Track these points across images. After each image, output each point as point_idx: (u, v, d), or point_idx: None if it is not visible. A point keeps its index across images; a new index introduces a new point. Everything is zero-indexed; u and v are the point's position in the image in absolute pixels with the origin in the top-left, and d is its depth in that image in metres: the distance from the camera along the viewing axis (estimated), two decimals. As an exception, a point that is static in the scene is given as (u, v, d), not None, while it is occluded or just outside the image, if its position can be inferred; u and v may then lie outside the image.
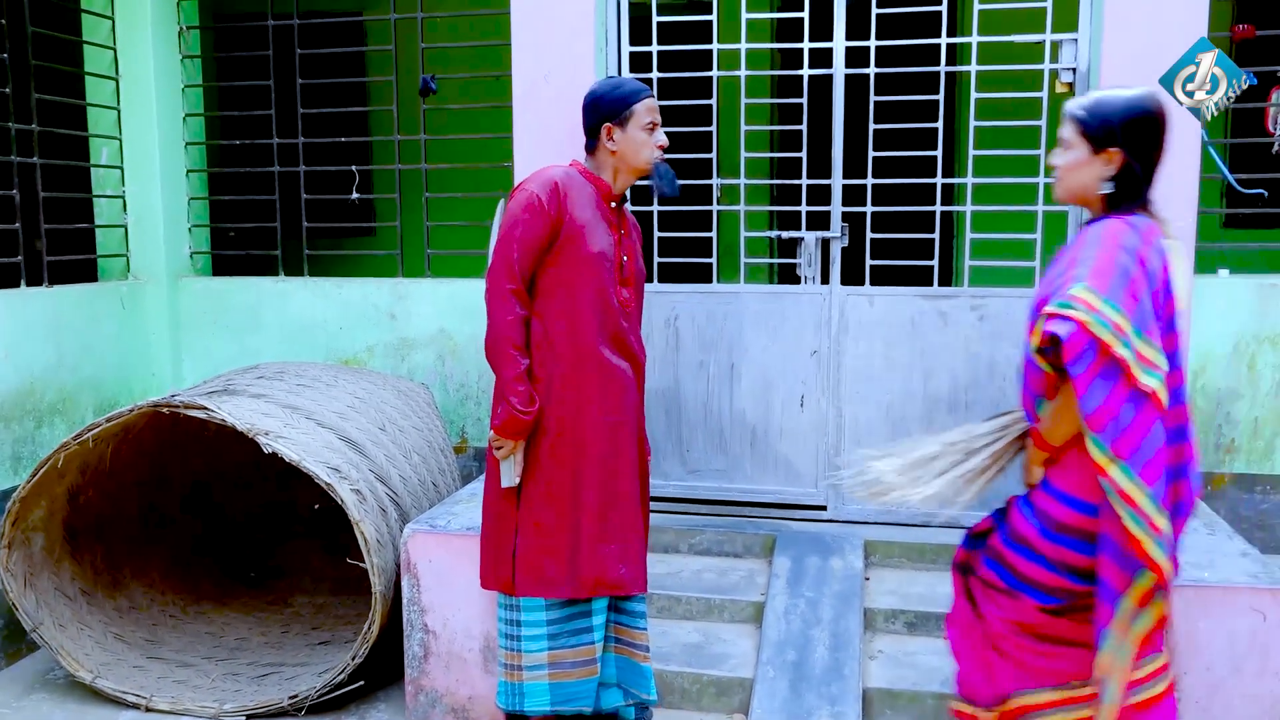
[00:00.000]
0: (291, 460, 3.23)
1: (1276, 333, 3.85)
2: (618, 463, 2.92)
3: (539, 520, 2.88)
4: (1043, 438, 2.33)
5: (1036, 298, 2.35)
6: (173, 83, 4.85)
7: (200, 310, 4.88)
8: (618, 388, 2.92)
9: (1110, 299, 2.14)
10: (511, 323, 2.82)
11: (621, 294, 2.93)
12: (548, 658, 2.91)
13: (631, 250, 2.99)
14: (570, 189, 2.85)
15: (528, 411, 2.81)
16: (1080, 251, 2.28)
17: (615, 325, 2.90)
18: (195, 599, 4.21)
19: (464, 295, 4.58)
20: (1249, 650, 2.76)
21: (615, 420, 2.91)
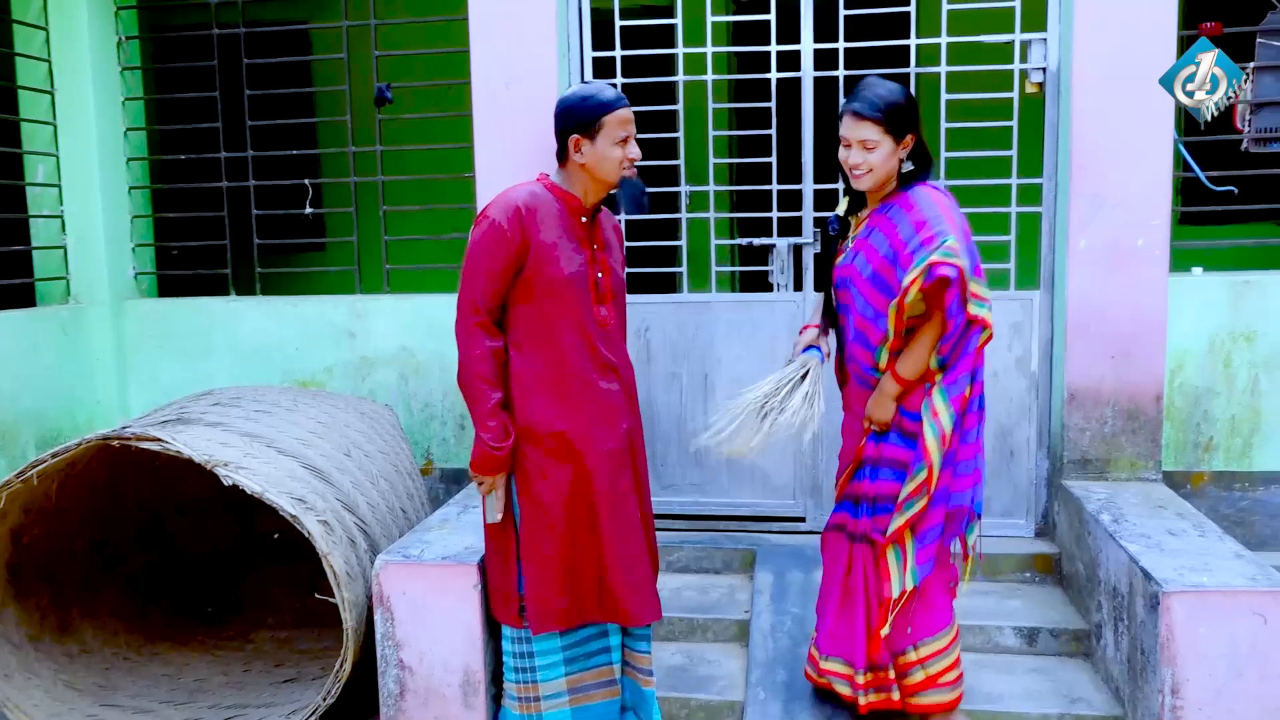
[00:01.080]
0: (254, 493, 3.05)
1: (1251, 329, 3.85)
2: (618, 491, 2.81)
3: (544, 553, 2.78)
4: (903, 377, 2.77)
5: (886, 254, 2.75)
6: (112, 96, 4.63)
7: (146, 334, 4.65)
8: (611, 414, 2.81)
9: (962, 250, 2.65)
10: (480, 356, 2.69)
11: (600, 313, 2.80)
12: (566, 684, 2.86)
13: (606, 265, 2.84)
14: (535, 210, 2.70)
15: (501, 447, 2.73)
16: (924, 213, 2.72)
17: (597, 348, 2.78)
18: (150, 639, 3.99)
19: (426, 311, 4.43)
20: (1251, 654, 2.72)
21: (611, 448, 2.80)
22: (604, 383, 2.80)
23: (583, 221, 2.78)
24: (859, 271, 2.85)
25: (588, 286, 2.76)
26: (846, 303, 2.91)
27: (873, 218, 2.87)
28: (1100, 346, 3.73)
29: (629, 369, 2.92)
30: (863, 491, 2.92)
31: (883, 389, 2.82)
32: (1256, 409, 3.88)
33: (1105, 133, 3.66)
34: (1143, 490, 3.65)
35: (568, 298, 2.72)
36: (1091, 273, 3.71)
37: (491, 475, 2.77)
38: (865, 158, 2.77)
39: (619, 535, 2.80)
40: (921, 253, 2.66)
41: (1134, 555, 2.99)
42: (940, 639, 2.92)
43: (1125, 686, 3.06)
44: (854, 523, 2.96)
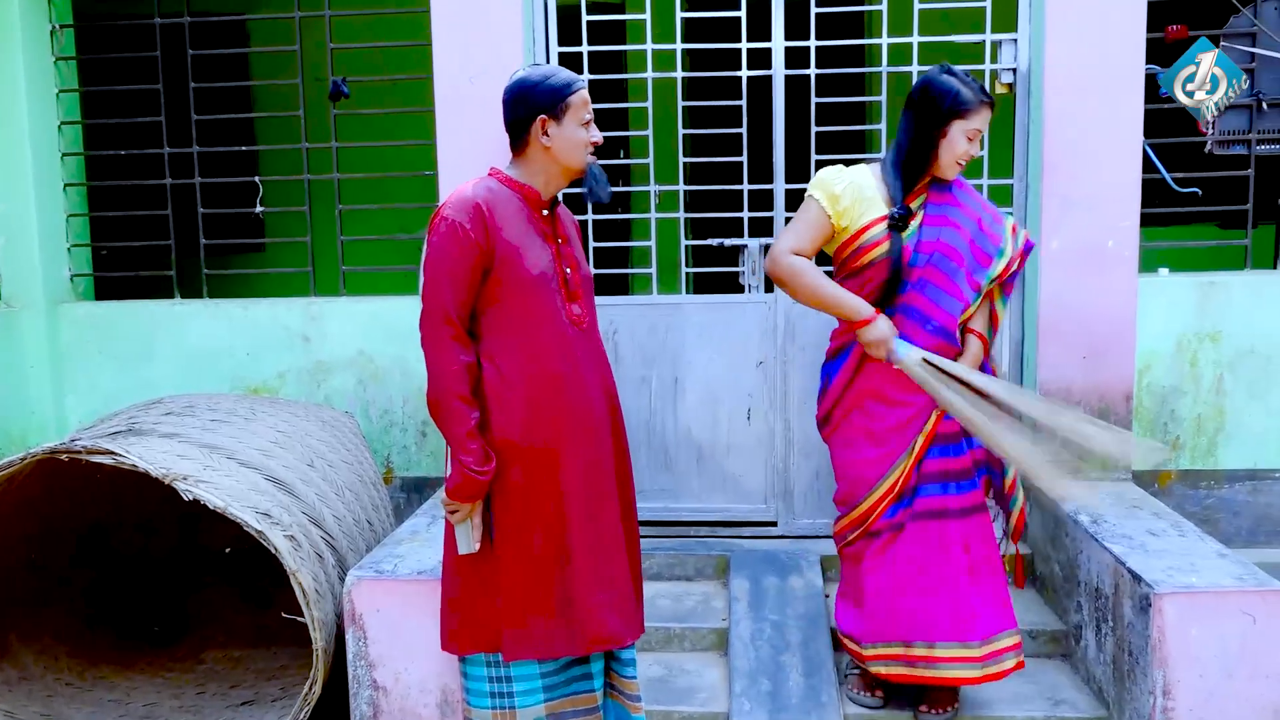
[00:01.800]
0: (216, 507, 2.89)
1: (1217, 329, 3.90)
2: (600, 506, 2.62)
3: (523, 577, 2.55)
4: (986, 340, 2.98)
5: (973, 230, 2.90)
6: (45, 87, 4.37)
7: (84, 339, 4.41)
8: (592, 419, 2.62)
9: None
10: (456, 373, 2.45)
11: (572, 311, 2.59)
12: (545, 710, 2.63)
13: (573, 259, 2.64)
14: (495, 207, 2.48)
15: (484, 471, 2.46)
16: (974, 191, 3.01)
17: (574, 350, 2.58)
18: (94, 662, 3.77)
19: (384, 314, 4.27)
20: (1241, 654, 2.73)
21: (593, 458, 2.61)
22: (583, 388, 2.60)
23: (544, 215, 2.59)
24: (953, 246, 2.89)
25: (558, 284, 2.56)
26: (928, 279, 2.88)
27: (938, 194, 2.94)
28: (1071, 347, 3.74)
29: (608, 370, 2.74)
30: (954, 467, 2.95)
31: (973, 354, 2.95)
32: (1221, 408, 3.93)
33: (1076, 134, 3.67)
34: (1115, 490, 3.67)
35: (539, 297, 2.51)
36: (1063, 273, 3.72)
37: (469, 503, 2.50)
38: (978, 148, 2.89)
39: (601, 553, 2.60)
40: (999, 226, 2.95)
41: (1119, 556, 2.99)
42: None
43: (1110, 688, 3.06)
44: (947, 499, 2.94)
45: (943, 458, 2.94)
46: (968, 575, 2.93)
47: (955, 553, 2.93)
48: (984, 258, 2.91)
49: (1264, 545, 3.99)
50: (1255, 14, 3.84)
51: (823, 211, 2.90)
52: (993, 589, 2.94)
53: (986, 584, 2.94)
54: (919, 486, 2.96)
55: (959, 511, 2.95)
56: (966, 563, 2.93)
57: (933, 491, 2.95)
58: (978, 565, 2.94)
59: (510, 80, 2.55)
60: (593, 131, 2.55)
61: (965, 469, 2.96)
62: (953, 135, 2.80)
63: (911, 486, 2.96)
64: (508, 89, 2.54)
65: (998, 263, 2.92)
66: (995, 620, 2.93)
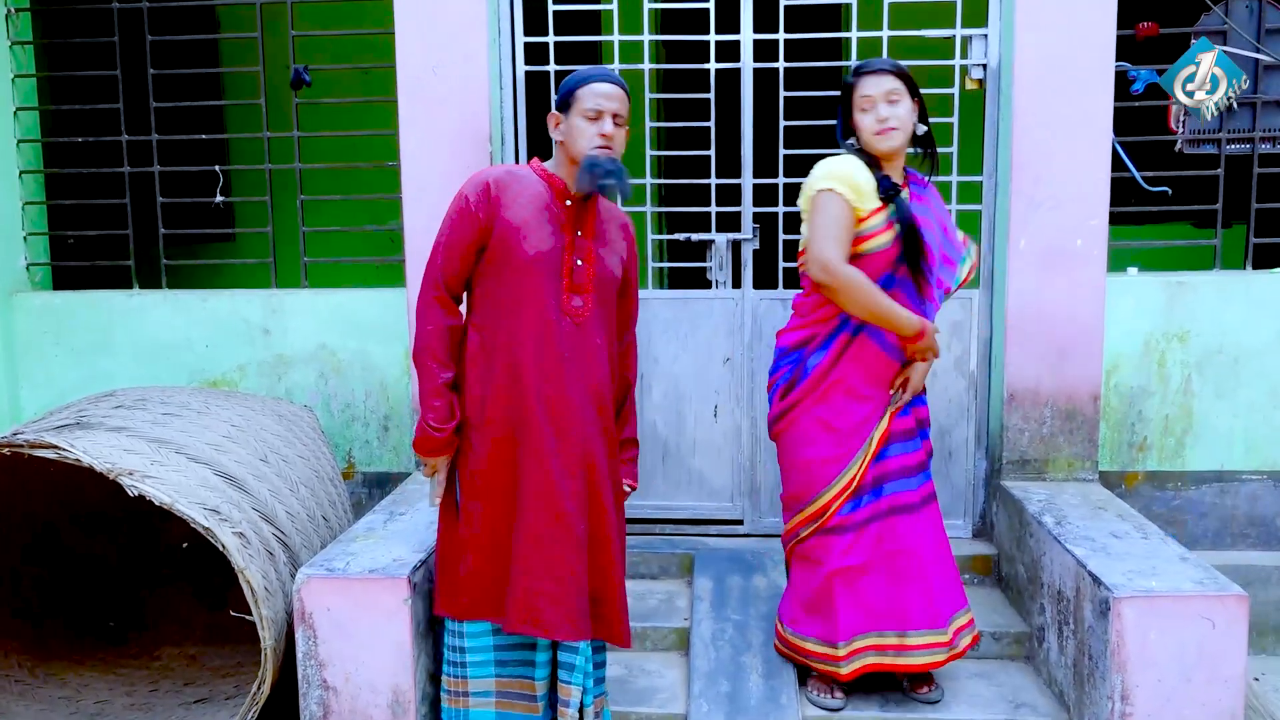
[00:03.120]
0: (163, 504, 2.82)
1: (1185, 329, 3.87)
2: (560, 497, 2.62)
3: (481, 542, 2.68)
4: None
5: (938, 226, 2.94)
6: (0, 72, 4.27)
7: (39, 330, 4.32)
8: (561, 414, 2.63)
9: None
10: (433, 332, 2.61)
11: (572, 302, 2.62)
12: (495, 685, 2.76)
13: (590, 253, 2.65)
14: (509, 187, 2.61)
15: (441, 429, 2.63)
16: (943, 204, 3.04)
17: (559, 337, 2.61)
18: (45, 659, 3.69)
19: (347, 307, 4.20)
20: (1199, 659, 2.71)
21: (553, 450, 2.62)
22: (562, 380, 2.61)
23: (566, 205, 2.64)
24: (927, 242, 2.90)
25: (559, 271, 2.60)
26: (905, 276, 2.92)
27: (915, 192, 2.97)
28: (1039, 346, 3.71)
29: (603, 369, 2.69)
30: (909, 463, 3.00)
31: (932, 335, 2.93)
32: (1189, 409, 3.91)
33: (1045, 131, 3.64)
34: (1081, 491, 3.65)
35: (533, 280, 2.58)
36: (1031, 272, 3.69)
37: (432, 457, 2.69)
38: (893, 110, 2.81)
39: (554, 543, 2.61)
40: (956, 231, 3.04)
41: (1081, 559, 2.96)
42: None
43: (1070, 691, 3.03)
44: (893, 497, 2.98)
45: (903, 454, 2.99)
46: (932, 564, 2.99)
47: (920, 543, 2.99)
48: (948, 260, 2.95)
49: (1230, 547, 3.97)
50: (1226, 12, 3.81)
51: (846, 204, 2.83)
52: (949, 572, 3.05)
53: (945, 568, 3.03)
54: (884, 484, 2.97)
55: (921, 502, 3.01)
56: (930, 552, 3.00)
57: (897, 488, 2.99)
58: (938, 552, 3.02)
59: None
60: (602, 124, 2.59)
61: (921, 462, 3.01)
62: (855, 104, 2.88)
63: (869, 483, 2.96)
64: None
65: (961, 266, 2.96)
66: (953, 602, 3.03)
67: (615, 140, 2.61)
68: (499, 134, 3.88)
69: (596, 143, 2.58)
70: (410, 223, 3.84)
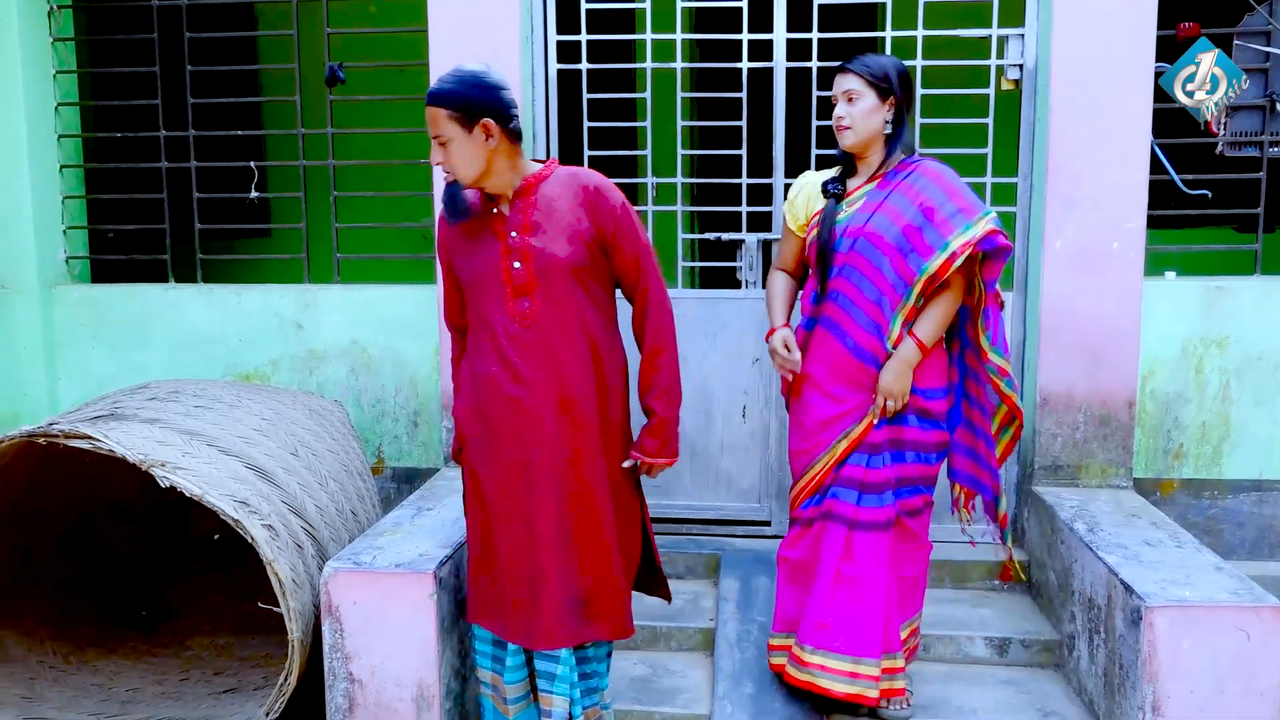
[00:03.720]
0: (194, 495, 2.85)
1: (1223, 335, 3.81)
2: (529, 504, 2.61)
3: (474, 550, 2.78)
4: (925, 342, 2.81)
5: (914, 218, 2.78)
6: (42, 68, 4.35)
7: (78, 323, 4.39)
8: (519, 420, 2.59)
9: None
10: (454, 360, 2.86)
11: (518, 307, 2.56)
12: (491, 678, 2.84)
13: (528, 251, 2.53)
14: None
15: (453, 445, 2.84)
16: (952, 183, 2.82)
17: (510, 346, 2.57)
18: (78, 646, 3.75)
19: (378, 303, 4.23)
20: (1233, 671, 2.66)
21: (520, 458, 2.61)
22: (511, 387, 2.58)
23: (494, 212, 2.59)
24: (879, 232, 2.81)
25: (500, 281, 2.57)
26: (853, 265, 2.85)
27: (886, 182, 2.87)
28: (1074, 350, 3.66)
29: (568, 366, 2.58)
30: (873, 479, 2.88)
31: (902, 357, 2.81)
32: (1227, 416, 3.84)
33: (1082, 132, 3.59)
34: (1114, 498, 3.59)
35: (481, 298, 2.62)
36: (1066, 275, 3.64)
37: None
38: (847, 109, 2.84)
39: (515, 550, 2.64)
40: (961, 219, 2.75)
41: (1113, 567, 2.92)
42: (917, 619, 3.07)
43: (1101, 701, 2.99)
44: (857, 510, 2.88)
45: (864, 468, 2.89)
46: (876, 592, 2.87)
47: (870, 569, 2.88)
48: (925, 249, 2.77)
49: (1268, 558, 3.90)
50: (1270, 12, 3.74)
51: (784, 221, 3.09)
52: (893, 607, 2.92)
53: (891, 601, 2.91)
54: (831, 488, 2.93)
55: (886, 523, 2.89)
56: (879, 579, 2.87)
57: (843, 496, 2.91)
58: (890, 583, 2.91)
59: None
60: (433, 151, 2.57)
61: (887, 480, 2.89)
62: None
63: (828, 483, 2.94)
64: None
65: (936, 256, 2.75)
66: (857, 642, 2.87)
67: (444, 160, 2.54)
68: (530, 132, 3.88)
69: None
70: (442, 220, 3.86)
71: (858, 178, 2.93)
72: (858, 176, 2.93)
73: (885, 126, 2.85)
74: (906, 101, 2.88)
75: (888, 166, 2.88)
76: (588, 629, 2.64)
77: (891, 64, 2.85)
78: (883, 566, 2.87)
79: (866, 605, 2.87)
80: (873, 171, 2.90)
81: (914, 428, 2.88)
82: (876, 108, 2.82)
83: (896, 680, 2.94)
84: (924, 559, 3.00)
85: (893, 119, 2.85)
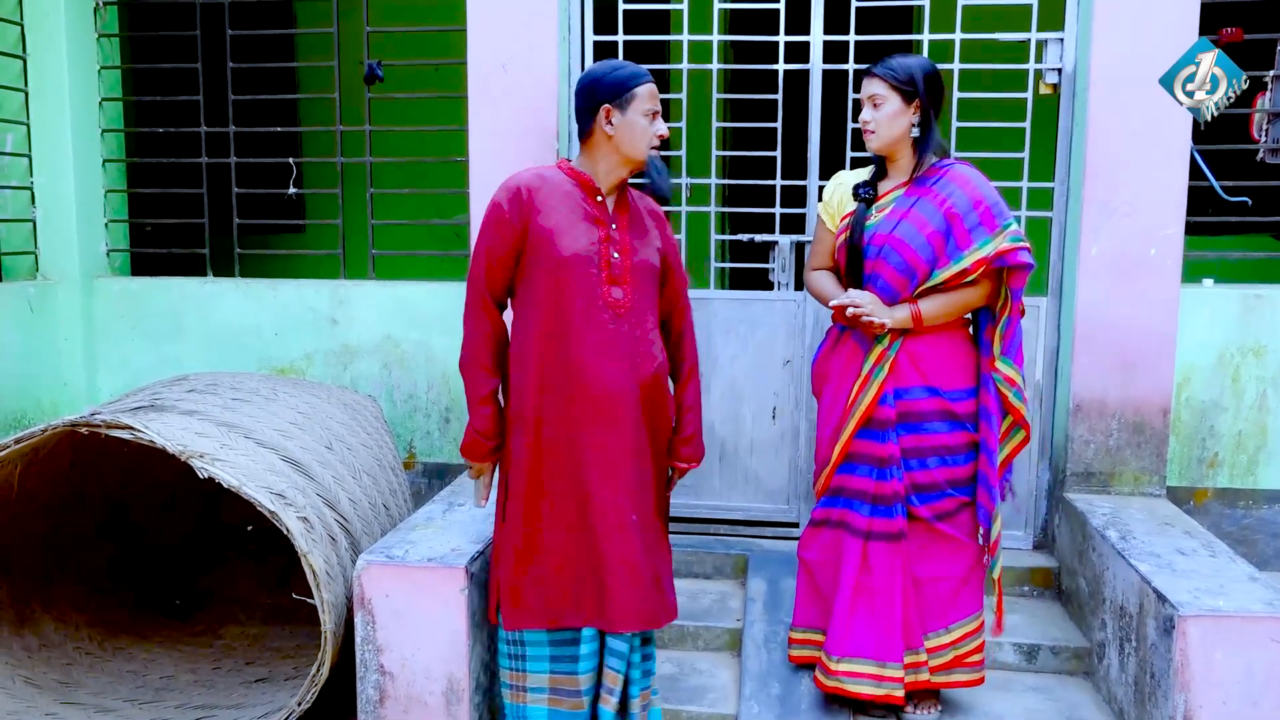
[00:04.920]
0: (231, 486, 2.89)
1: (1260, 344, 3.77)
2: (607, 488, 2.65)
3: (517, 547, 2.71)
4: (921, 318, 2.81)
5: (939, 225, 2.77)
6: (87, 63, 4.42)
7: (118, 314, 4.46)
8: (612, 406, 2.64)
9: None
10: (480, 341, 2.69)
11: (611, 294, 2.63)
12: (549, 681, 2.78)
13: (626, 246, 2.67)
14: (539, 190, 2.62)
15: (488, 435, 2.73)
16: (980, 190, 2.79)
17: (603, 331, 2.63)
18: (113, 633, 3.81)
19: (411, 299, 4.26)
20: (1267, 682, 2.63)
21: (606, 443, 2.64)
22: (608, 373, 2.64)
23: (598, 200, 2.66)
24: (905, 240, 2.82)
25: (598, 266, 2.62)
26: (879, 272, 2.86)
27: (914, 189, 2.86)
28: (1108, 357, 3.63)
29: (651, 361, 2.70)
30: (884, 491, 2.89)
31: (892, 313, 2.82)
32: (1264, 426, 3.80)
33: (1120, 138, 3.56)
34: (1147, 506, 3.57)
35: (573, 277, 2.60)
36: (1101, 281, 3.61)
37: (478, 463, 2.79)
38: (872, 114, 2.83)
39: (610, 536, 2.65)
40: (980, 232, 2.77)
41: (1145, 575, 2.90)
42: (972, 621, 2.97)
43: (1131, 710, 2.97)
44: (870, 522, 2.91)
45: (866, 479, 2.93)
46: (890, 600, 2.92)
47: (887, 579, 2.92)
48: (944, 260, 2.80)
49: (1303, 569, 3.86)
50: (1315, 18, 3.70)
51: (820, 220, 3.08)
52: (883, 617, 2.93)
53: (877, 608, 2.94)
54: (839, 497, 3.00)
55: (880, 535, 2.92)
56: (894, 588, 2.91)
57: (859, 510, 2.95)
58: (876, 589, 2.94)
59: (582, 74, 2.70)
60: (657, 125, 2.65)
61: (896, 493, 2.90)
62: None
63: (831, 488, 3.00)
64: (579, 82, 2.69)
65: (949, 268, 2.78)
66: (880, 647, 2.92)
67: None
68: (566, 131, 3.91)
69: (655, 142, 2.65)
70: (477, 217, 3.89)
71: (889, 180, 2.93)
72: (889, 179, 2.93)
73: (912, 130, 2.84)
74: (935, 104, 2.85)
75: (918, 171, 2.87)
76: (662, 610, 2.73)
77: (918, 66, 2.82)
78: (897, 574, 2.90)
79: (885, 612, 2.91)
80: (903, 176, 2.90)
81: (939, 432, 2.87)
82: (901, 111, 2.81)
83: (921, 673, 2.95)
84: (965, 560, 2.94)
85: (920, 122, 2.84)
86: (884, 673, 2.90)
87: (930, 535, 2.92)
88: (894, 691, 2.90)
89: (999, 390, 2.85)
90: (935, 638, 2.95)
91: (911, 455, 2.88)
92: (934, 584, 2.94)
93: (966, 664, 2.98)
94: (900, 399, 2.87)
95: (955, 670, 2.98)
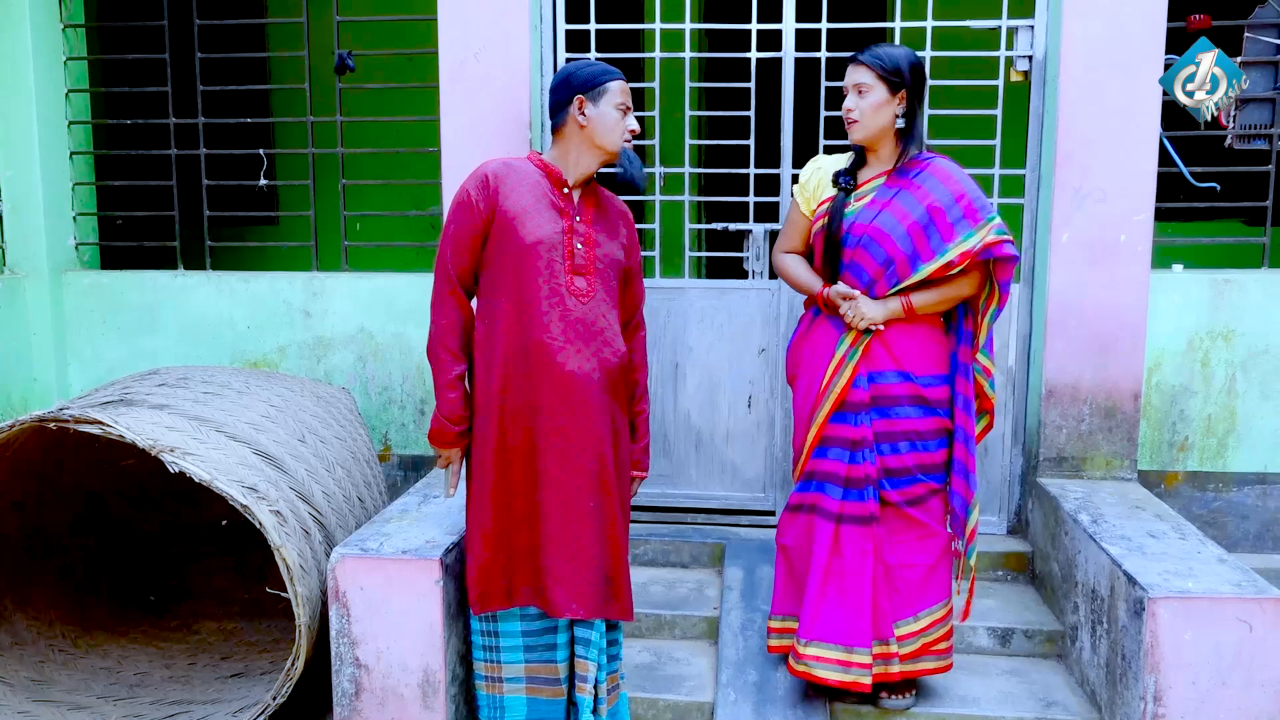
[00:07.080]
0: (202, 480, 2.87)
1: (1229, 328, 3.81)
2: (574, 474, 2.67)
3: (484, 530, 2.74)
4: (915, 307, 2.82)
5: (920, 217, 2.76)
6: (53, 55, 4.36)
7: (88, 308, 4.41)
8: (574, 392, 2.66)
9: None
10: (446, 326, 2.71)
11: (575, 283, 2.67)
12: (524, 670, 2.81)
13: (590, 238, 2.70)
14: (506, 178, 2.66)
15: (455, 420, 2.73)
16: (961, 184, 2.79)
17: (566, 318, 2.66)
18: (87, 629, 3.78)
19: (385, 291, 4.24)
20: (1235, 662, 2.67)
21: (563, 424, 2.66)
22: (571, 358, 2.66)
23: (564, 191, 2.69)
24: (885, 230, 2.81)
25: (561, 254, 2.66)
26: (859, 262, 2.85)
27: (894, 180, 2.85)
28: (1080, 342, 3.66)
29: (613, 352, 2.73)
30: (855, 474, 2.90)
31: (886, 304, 2.83)
32: (1232, 409, 3.84)
33: (1091, 125, 3.58)
34: (1119, 489, 3.60)
35: (535, 264, 2.64)
36: (1073, 267, 3.64)
37: (447, 449, 2.78)
38: (856, 103, 2.81)
39: (561, 520, 2.67)
40: (964, 225, 2.75)
41: (1116, 558, 2.93)
42: (940, 609, 2.97)
43: (1103, 691, 3.00)
44: (842, 505, 2.90)
45: (838, 462, 2.93)
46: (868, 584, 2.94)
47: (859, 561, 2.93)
48: (928, 252, 2.78)
49: (1271, 551, 3.90)
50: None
51: (794, 203, 3.06)
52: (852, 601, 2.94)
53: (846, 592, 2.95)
54: (812, 480, 2.99)
55: (851, 518, 2.93)
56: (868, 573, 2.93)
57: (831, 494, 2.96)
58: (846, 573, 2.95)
59: (557, 72, 2.77)
60: (629, 120, 2.71)
61: (868, 475, 2.91)
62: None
63: (806, 472, 2.99)
64: (554, 78, 2.74)
65: (933, 261, 2.77)
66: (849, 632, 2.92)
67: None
68: (539, 120, 3.89)
69: (627, 136, 2.69)
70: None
71: (868, 169, 2.92)
72: (868, 169, 2.92)
73: (896, 121, 2.83)
74: (919, 96, 2.84)
75: (900, 162, 2.86)
76: (609, 606, 2.74)
77: (905, 56, 2.80)
78: (868, 558, 2.91)
79: (855, 596, 2.91)
80: (884, 165, 2.89)
81: (910, 417, 2.87)
82: (887, 102, 2.79)
83: (891, 665, 2.95)
84: (936, 548, 2.94)
85: (905, 113, 2.83)
86: (851, 658, 2.89)
87: (901, 521, 2.93)
88: (860, 678, 2.89)
89: (976, 380, 2.87)
90: (904, 625, 2.96)
91: (883, 439, 2.89)
92: (904, 570, 2.94)
93: (933, 651, 2.98)
94: (874, 382, 2.88)
95: (922, 658, 2.99)
